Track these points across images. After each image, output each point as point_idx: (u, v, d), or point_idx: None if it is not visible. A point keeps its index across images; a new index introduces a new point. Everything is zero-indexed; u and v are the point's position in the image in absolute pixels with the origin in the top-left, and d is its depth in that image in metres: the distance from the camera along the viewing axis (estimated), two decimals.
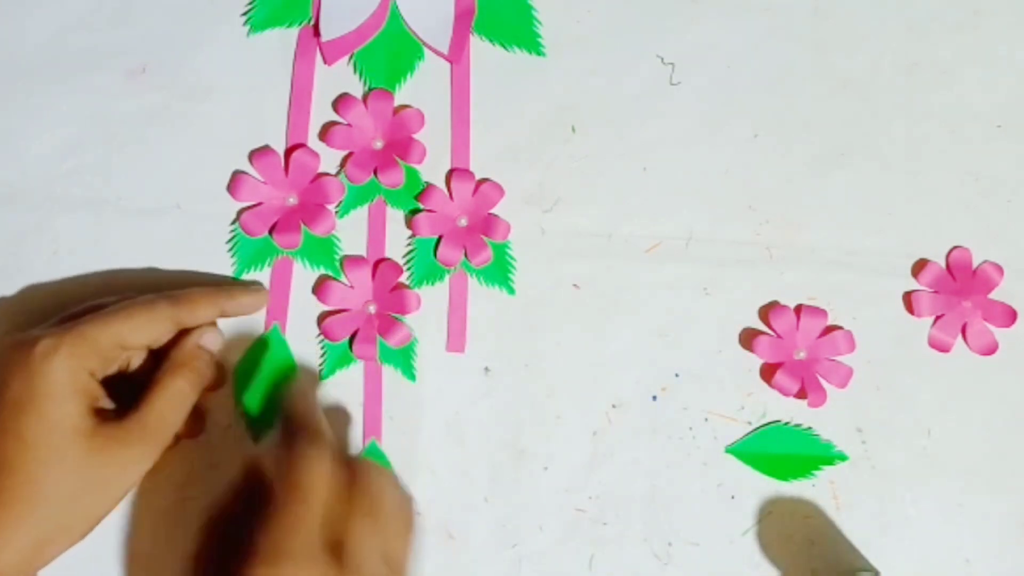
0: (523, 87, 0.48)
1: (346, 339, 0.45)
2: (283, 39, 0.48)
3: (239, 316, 0.43)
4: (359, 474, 0.36)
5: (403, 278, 0.46)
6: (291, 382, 0.43)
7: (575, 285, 0.46)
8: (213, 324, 0.42)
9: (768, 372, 0.46)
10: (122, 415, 0.37)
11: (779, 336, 0.46)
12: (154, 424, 0.37)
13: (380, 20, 0.48)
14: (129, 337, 0.38)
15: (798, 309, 0.46)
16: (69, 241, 0.45)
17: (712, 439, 0.45)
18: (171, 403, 0.38)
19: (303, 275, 0.46)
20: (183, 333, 0.41)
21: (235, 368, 0.44)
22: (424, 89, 0.48)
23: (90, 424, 0.36)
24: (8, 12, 0.47)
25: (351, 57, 0.48)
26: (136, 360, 0.41)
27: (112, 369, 0.38)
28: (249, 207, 0.46)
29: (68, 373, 0.35)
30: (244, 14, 0.48)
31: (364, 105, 0.47)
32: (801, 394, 0.45)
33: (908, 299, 0.47)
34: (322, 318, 0.45)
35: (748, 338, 0.46)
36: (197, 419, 0.42)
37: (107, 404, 0.38)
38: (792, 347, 0.46)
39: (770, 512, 0.45)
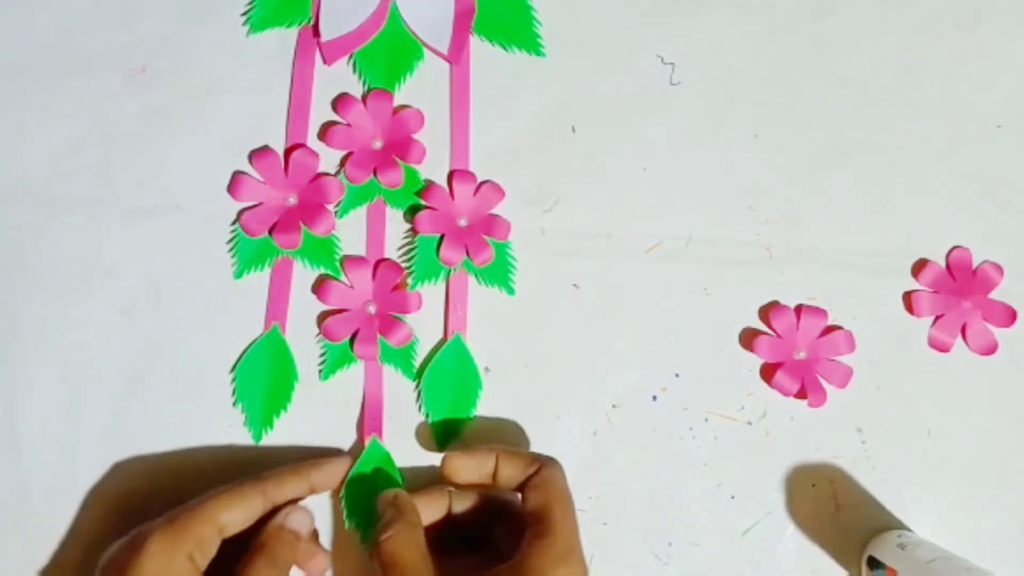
0: (523, 87, 0.48)
1: (346, 339, 0.45)
2: (283, 39, 0.48)
3: (328, 488, 0.42)
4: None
5: (402, 277, 0.46)
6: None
7: (575, 285, 0.46)
8: (298, 505, 0.41)
9: (768, 372, 0.46)
10: None
11: (779, 336, 0.46)
12: None
13: (380, 20, 0.48)
14: (222, 518, 0.38)
15: (798, 309, 0.46)
16: (69, 241, 0.45)
17: (712, 439, 0.45)
18: None
19: (303, 275, 0.46)
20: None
21: (235, 369, 0.44)
22: (424, 89, 0.48)
23: None
24: (8, 12, 0.47)
25: (351, 57, 0.48)
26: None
27: (212, 553, 0.38)
28: (249, 207, 0.46)
29: (164, 556, 0.36)
30: (244, 14, 0.48)
31: (363, 105, 0.47)
32: (801, 394, 0.45)
33: (908, 299, 0.47)
34: (322, 318, 0.45)
35: (748, 338, 0.46)
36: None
37: None
38: (792, 347, 0.46)
39: (770, 512, 0.45)
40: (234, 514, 0.38)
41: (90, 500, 0.43)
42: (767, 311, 0.46)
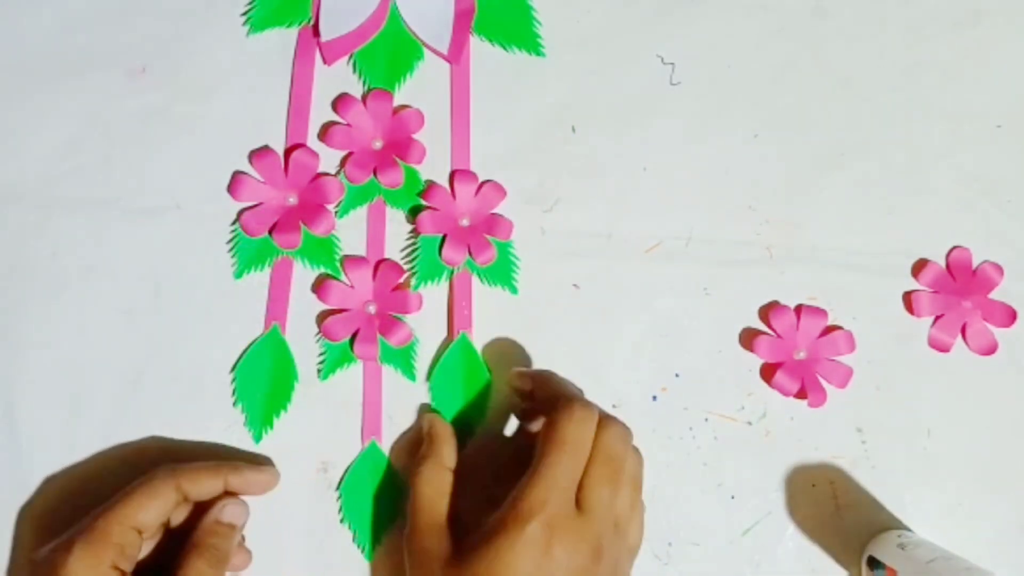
0: (523, 87, 0.48)
1: (346, 339, 0.45)
2: (283, 39, 0.48)
3: (246, 493, 0.41)
4: (600, 428, 0.38)
5: (404, 278, 0.46)
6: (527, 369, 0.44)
7: (575, 285, 0.46)
8: (235, 497, 0.41)
9: (768, 372, 0.46)
10: None
11: (779, 336, 0.46)
12: None
13: (380, 20, 0.48)
14: (139, 519, 0.38)
15: (798, 309, 0.46)
16: (69, 241, 0.45)
17: (712, 439, 0.45)
18: None
19: (303, 275, 0.46)
20: (204, 511, 0.40)
21: (235, 369, 0.44)
22: (424, 89, 0.48)
23: None
24: (8, 12, 0.47)
25: (351, 57, 0.48)
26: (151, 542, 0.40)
27: (136, 555, 0.38)
28: (249, 207, 0.46)
29: (90, 572, 0.36)
30: (244, 14, 0.48)
31: (363, 105, 0.47)
32: (801, 394, 0.45)
33: (908, 299, 0.47)
34: (322, 318, 0.45)
35: (748, 338, 0.46)
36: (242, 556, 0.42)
37: None
38: (792, 347, 0.46)
39: (770, 512, 0.45)
40: (150, 513, 0.38)
41: (90, 499, 0.43)
42: (767, 311, 0.46)
